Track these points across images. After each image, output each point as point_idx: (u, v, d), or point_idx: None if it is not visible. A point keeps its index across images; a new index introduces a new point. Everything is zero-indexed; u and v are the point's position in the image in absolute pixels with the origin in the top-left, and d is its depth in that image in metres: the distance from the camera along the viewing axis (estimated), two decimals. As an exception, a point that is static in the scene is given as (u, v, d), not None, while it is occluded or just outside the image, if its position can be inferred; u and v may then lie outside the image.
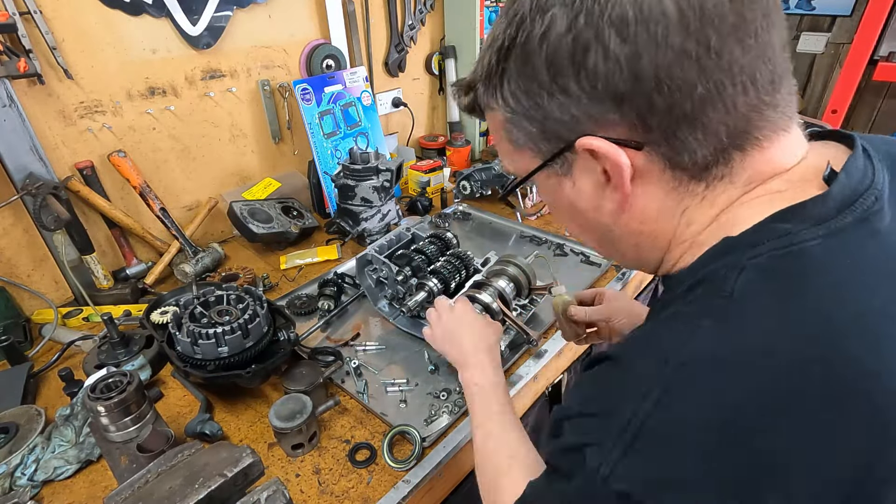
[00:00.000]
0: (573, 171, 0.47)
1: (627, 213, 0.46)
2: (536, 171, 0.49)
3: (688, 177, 0.43)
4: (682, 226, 0.46)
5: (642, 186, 0.44)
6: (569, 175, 0.47)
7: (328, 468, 0.84)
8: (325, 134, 1.63)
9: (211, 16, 1.35)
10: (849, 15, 2.72)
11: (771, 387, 0.34)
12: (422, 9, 1.89)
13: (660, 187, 0.44)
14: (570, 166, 0.47)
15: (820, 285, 0.36)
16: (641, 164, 0.42)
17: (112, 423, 0.76)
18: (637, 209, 0.46)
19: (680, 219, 0.45)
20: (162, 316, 1.05)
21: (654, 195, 0.44)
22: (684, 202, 0.44)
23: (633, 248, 0.50)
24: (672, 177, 0.43)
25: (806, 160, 0.44)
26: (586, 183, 0.47)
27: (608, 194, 0.46)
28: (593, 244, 0.55)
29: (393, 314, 1.18)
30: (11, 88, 1.08)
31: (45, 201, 1.12)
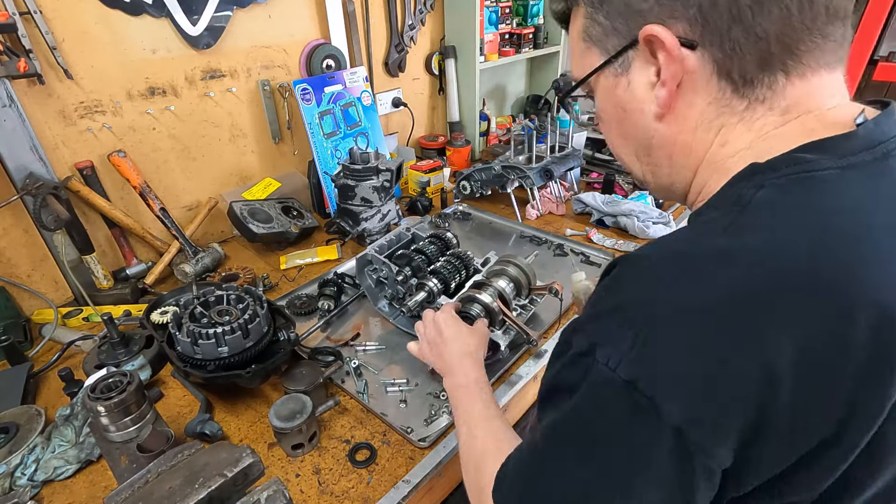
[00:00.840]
0: (631, 69, 0.49)
1: (669, 116, 0.49)
2: (601, 67, 0.51)
3: (731, 89, 0.45)
4: (715, 144, 0.48)
5: (688, 90, 0.46)
6: (626, 74, 0.50)
7: (328, 468, 0.84)
8: (325, 134, 1.63)
9: (211, 16, 1.35)
10: (849, 15, 2.71)
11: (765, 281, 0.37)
12: (422, 9, 1.89)
13: (703, 95, 0.46)
14: (629, 65, 0.49)
15: (826, 204, 0.39)
16: (691, 65, 0.45)
17: (112, 423, 0.76)
18: (678, 114, 0.48)
19: (715, 135, 0.47)
20: (162, 316, 1.05)
21: (696, 102, 0.47)
22: (722, 117, 0.46)
23: (666, 161, 0.52)
24: (717, 86, 0.45)
25: (843, 108, 0.45)
26: (639, 81, 0.49)
27: (656, 94, 0.48)
28: (632, 156, 0.56)
29: (393, 314, 1.18)
30: (11, 88, 1.08)
31: (45, 201, 1.12)
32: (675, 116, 0.48)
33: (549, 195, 1.71)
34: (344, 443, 0.89)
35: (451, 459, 0.86)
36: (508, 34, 2.14)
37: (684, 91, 0.47)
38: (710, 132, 0.48)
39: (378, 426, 0.92)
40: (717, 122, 0.47)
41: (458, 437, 0.71)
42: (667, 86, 0.46)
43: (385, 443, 0.88)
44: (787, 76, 0.44)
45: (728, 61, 0.44)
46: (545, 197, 1.70)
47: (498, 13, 2.06)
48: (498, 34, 2.09)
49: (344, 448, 0.88)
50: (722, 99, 0.46)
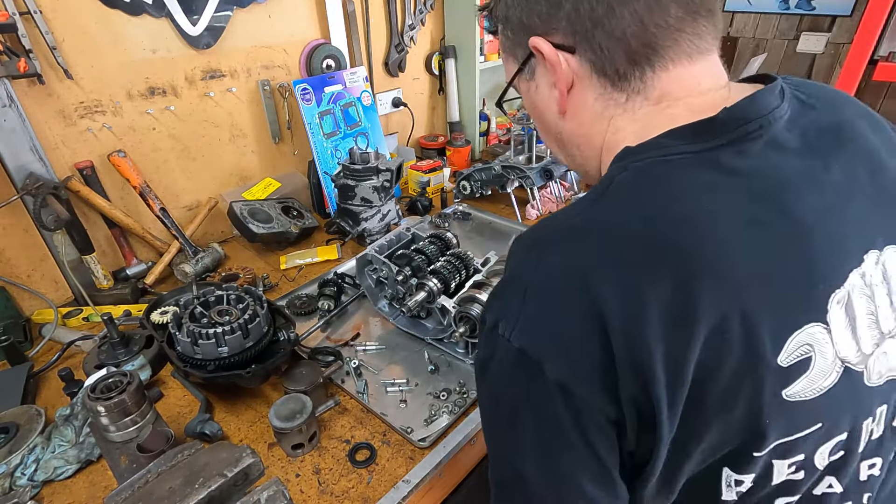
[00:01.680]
0: (535, 75, 0.57)
1: (569, 113, 0.56)
2: (516, 75, 0.59)
3: (610, 84, 0.51)
4: (609, 132, 0.54)
5: (578, 89, 0.53)
6: (533, 79, 0.58)
7: (328, 468, 0.84)
8: (325, 134, 1.63)
9: (211, 16, 1.35)
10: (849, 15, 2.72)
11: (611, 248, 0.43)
12: (422, 9, 1.89)
13: (590, 92, 0.53)
14: (534, 72, 0.57)
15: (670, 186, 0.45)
16: (574, 67, 0.52)
17: (112, 423, 0.76)
18: (575, 110, 0.55)
19: (608, 125, 0.53)
20: (162, 316, 1.05)
21: (586, 99, 0.53)
22: (609, 110, 0.53)
23: (577, 150, 0.59)
24: (598, 83, 0.52)
25: (714, 93, 0.50)
26: (543, 85, 0.57)
27: (554, 96, 0.55)
28: (555, 148, 0.64)
29: (393, 314, 1.18)
30: (11, 88, 1.08)
31: (45, 201, 1.12)
32: (573, 113, 0.55)
33: (549, 195, 1.71)
34: (344, 443, 0.89)
35: (451, 459, 0.86)
36: (508, 34, 2.13)
37: (575, 91, 0.53)
38: (602, 123, 0.54)
39: (378, 426, 0.92)
40: (607, 114, 0.53)
41: None
42: (558, 87, 0.54)
43: (385, 443, 0.88)
44: (653, 69, 0.49)
45: (600, 61, 0.50)
46: (545, 197, 1.70)
47: None
48: (498, 34, 2.09)
49: (344, 448, 0.88)
50: (605, 94, 0.52)
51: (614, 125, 0.53)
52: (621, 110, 0.52)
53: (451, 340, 1.06)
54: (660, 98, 0.50)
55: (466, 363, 1.06)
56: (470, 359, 1.05)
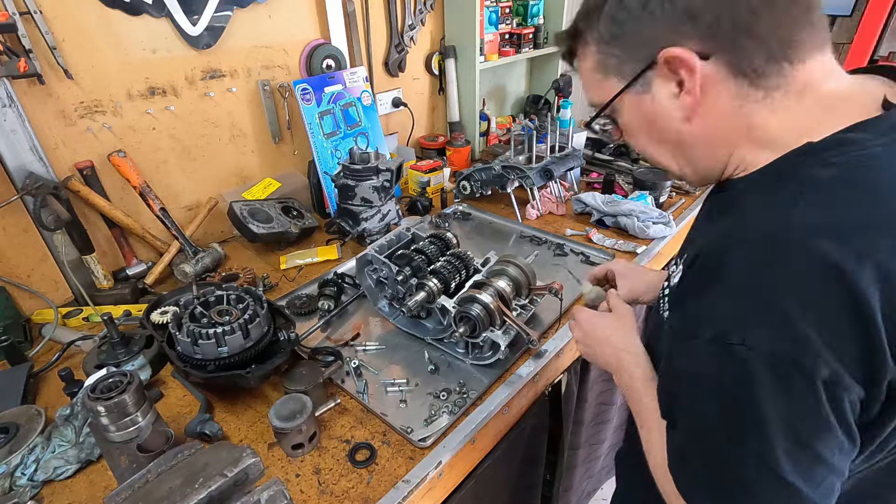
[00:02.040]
0: (652, 86, 0.56)
1: (698, 116, 0.55)
2: (623, 91, 0.58)
3: (747, 83, 0.52)
4: (746, 129, 0.55)
5: (710, 92, 0.53)
6: (648, 91, 0.57)
7: (328, 468, 0.84)
8: (325, 134, 1.63)
9: (211, 16, 1.35)
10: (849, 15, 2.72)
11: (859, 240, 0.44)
12: (422, 9, 1.89)
13: (724, 92, 0.53)
14: (650, 84, 0.56)
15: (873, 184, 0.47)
16: (709, 72, 0.52)
17: (112, 423, 0.76)
18: (706, 113, 0.55)
19: (744, 121, 0.54)
20: (162, 316, 1.05)
21: (719, 100, 0.54)
22: (746, 107, 0.53)
23: (703, 152, 0.59)
24: (735, 83, 0.52)
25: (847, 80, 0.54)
26: (663, 95, 0.56)
27: (681, 102, 0.55)
28: (667, 156, 0.62)
29: (393, 314, 1.18)
30: (11, 88, 1.08)
31: (45, 201, 1.12)
32: (704, 116, 0.55)
33: (549, 195, 1.71)
34: (344, 443, 0.89)
35: (451, 459, 0.86)
36: (508, 34, 2.14)
37: (706, 93, 0.54)
38: (738, 120, 0.54)
39: (378, 426, 0.92)
40: (743, 112, 0.54)
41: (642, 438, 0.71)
42: (692, 93, 0.54)
43: (385, 443, 0.88)
44: (791, 63, 0.51)
45: (739, 63, 0.51)
46: (545, 197, 1.70)
47: (498, 13, 2.06)
48: (498, 34, 2.09)
49: (344, 448, 0.88)
50: (741, 93, 0.53)
51: (752, 121, 0.54)
52: (759, 106, 0.53)
53: (451, 340, 1.06)
54: (801, 90, 0.52)
55: (466, 363, 1.06)
56: (470, 359, 1.05)
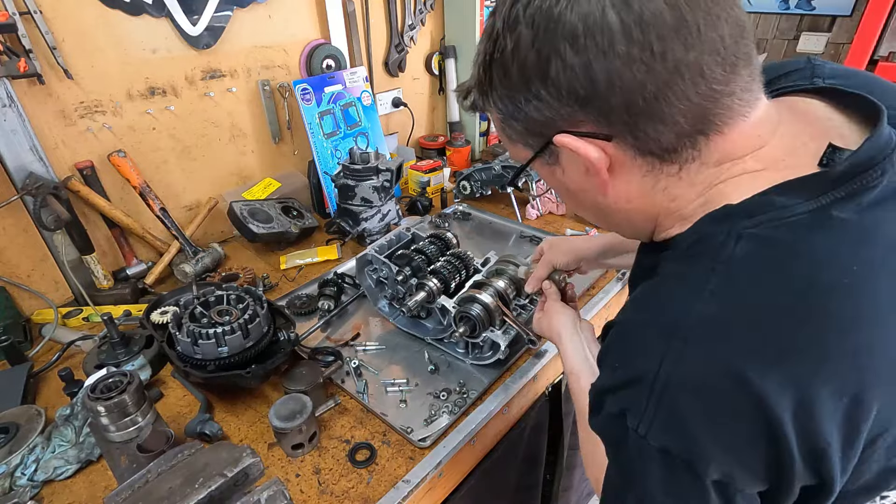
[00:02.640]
0: (560, 160, 0.53)
1: (612, 193, 0.52)
2: (529, 162, 0.55)
3: (658, 160, 0.48)
4: (666, 201, 0.51)
5: (620, 171, 0.50)
6: (557, 164, 0.54)
7: (328, 468, 0.84)
8: (325, 134, 1.63)
9: (211, 16, 1.35)
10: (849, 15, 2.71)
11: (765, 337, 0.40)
12: (422, 9, 1.89)
13: (635, 171, 0.49)
14: (557, 157, 0.53)
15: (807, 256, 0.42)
16: (613, 153, 0.48)
17: (112, 423, 0.76)
18: (620, 191, 0.52)
19: (662, 195, 0.51)
20: (162, 316, 1.05)
21: (631, 178, 0.50)
22: (661, 182, 0.50)
23: (625, 221, 0.57)
24: (644, 161, 0.48)
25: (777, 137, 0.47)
26: (573, 170, 0.53)
27: (592, 179, 0.51)
28: (593, 219, 0.62)
29: (393, 314, 1.18)
30: (11, 88, 1.08)
31: (45, 201, 1.12)
32: (618, 192, 0.52)
33: (549, 195, 1.71)
34: (344, 443, 0.89)
35: (451, 459, 0.86)
36: (508, 34, 2.13)
37: (617, 172, 0.50)
38: (656, 195, 0.51)
39: (378, 426, 0.92)
40: (660, 186, 0.50)
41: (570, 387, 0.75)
42: (599, 174, 0.50)
43: (385, 443, 0.88)
44: (707, 137, 0.46)
45: (644, 144, 0.46)
46: (545, 197, 1.70)
47: (496, 14, 2.06)
48: (498, 34, 2.09)
49: (344, 448, 0.88)
50: (653, 170, 0.49)
51: (669, 194, 0.50)
52: (675, 179, 0.49)
53: (451, 340, 1.06)
54: (720, 161, 0.47)
55: (466, 363, 1.06)
56: (470, 359, 1.05)
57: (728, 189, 0.47)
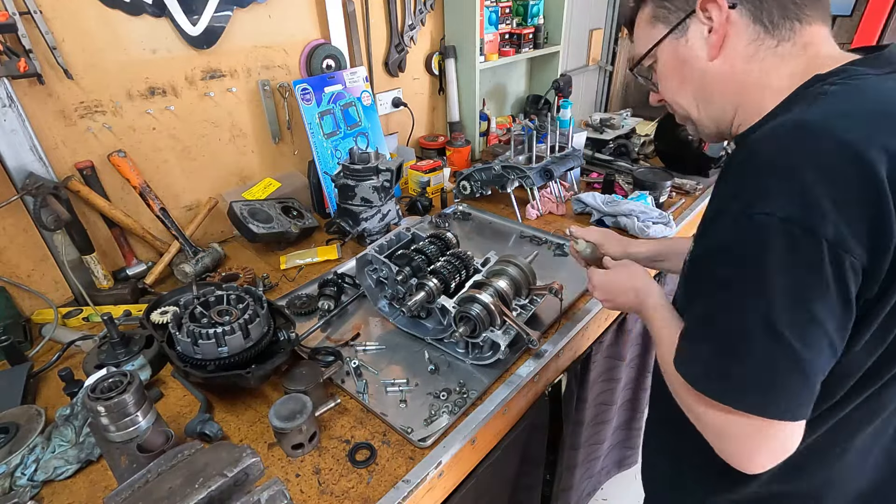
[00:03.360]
0: (688, 31, 0.68)
1: (720, 57, 0.66)
2: (666, 35, 0.70)
3: (763, 31, 0.63)
4: (760, 73, 0.65)
5: (733, 36, 0.64)
6: (684, 35, 0.68)
7: (328, 468, 0.84)
8: (325, 134, 1.63)
9: (211, 16, 1.35)
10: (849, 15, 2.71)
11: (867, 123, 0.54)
12: (422, 9, 1.89)
13: (745, 38, 0.64)
14: (687, 29, 0.68)
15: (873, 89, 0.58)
16: (734, 16, 0.64)
17: (112, 423, 0.76)
18: (728, 53, 0.65)
19: (759, 66, 0.65)
20: (162, 316, 1.05)
21: (739, 41, 0.65)
22: (761, 52, 0.64)
23: (719, 93, 0.69)
24: (753, 29, 0.64)
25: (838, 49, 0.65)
26: (695, 37, 0.67)
27: (709, 41, 0.66)
28: (689, 98, 0.72)
29: (393, 314, 1.18)
30: (11, 88, 1.08)
31: (45, 201, 1.12)
32: (726, 56, 0.66)
33: (549, 195, 1.71)
34: (344, 443, 0.89)
35: (451, 459, 0.86)
36: (508, 34, 2.14)
37: (730, 37, 0.64)
38: (752, 64, 0.65)
39: (378, 426, 0.92)
40: (758, 57, 0.64)
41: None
42: (718, 32, 0.64)
43: (385, 443, 0.88)
44: (801, 22, 0.62)
45: (759, 13, 0.63)
46: (545, 197, 1.70)
47: (498, 13, 2.06)
48: (498, 34, 2.09)
49: (344, 448, 0.88)
50: (758, 39, 0.64)
51: (764, 66, 0.64)
52: (771, 53, 0.64)
53: (451, 340, 1.06)
54: (805, 46, 0.63)
55: (466, 363, 1.06)
56: (470, 359, 1.05)
57: (813, 65, 0.62)
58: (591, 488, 1.72)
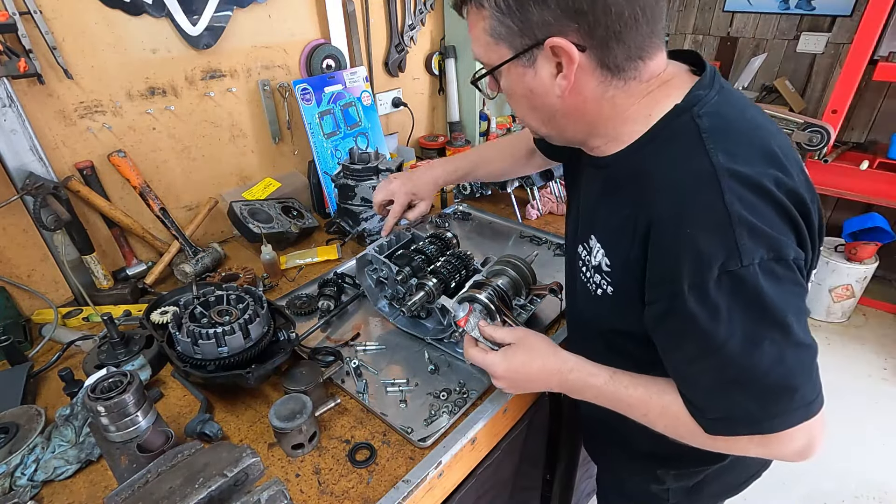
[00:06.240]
0: (536, 63, 0.65)
1: (571, 95, 0.66)
2: (509, 60, 0.66)
3: (611, 74, 0.65)
4: (609, 108, 0.68)
5: (581, 77, 0.64)
6: (532, 66, 0.66)
7: (328, 468, 0.84)
8: (325, 134, 1.63)
9: (211, 16, 1.35)
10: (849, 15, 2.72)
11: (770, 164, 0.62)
12: (422, 9, 1.89)
13: (592, 80, 0.65)
14: (535, 60, 0.65)
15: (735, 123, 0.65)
16: (582, 62, 0.63)
17: (112, 423, 0.76)
18: (578, 93, 0.66)
19: (608, 102, 0.67)
20: (162, 316, 1.05)
21: (589, 84, 0.65)
22: (609, 91, 0.66)
23: (571, 124, 0.71)
24: (601, 73, 0.64)
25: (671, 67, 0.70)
26: (544, 73, 0.65)
27: (558, 82, 0.65)
28: (538, 122, 0.73)
29: (393, 314, 1.18)
30: (11, 88, 1.08)
31: (45, 201, 1.12)
32: (575, 96, 0.66)
33: (549, 195, 1.71)
34: (344, 443, 0.89)
35: (451, 459, 0.86)
36: (508, 34, 2.14)
37: (578, 79, 0.64)
38: (602, 102, 0.67)
39: (378, 426, 0.92)
40: (607, 96, 0.66)
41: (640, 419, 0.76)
42: (567, 78, 0.64)
43: (385, 443, 0.88)
44: (644, 61, 0.65)
45: (606, 59, 0.63)
46: (545, 197, 1.70)
47: None
48: (498, 34, 2.09)
49: (344, 448, 0.88)
50: (605, 81, 0.65)
51: (616, 102, 0.67)
52: (621, 91, 0.66)
53: (451, 340, 1.06)
54: (649, 78, 0.67)
55: (466, 363, 1.06)
56: (470, 359, 1.05)
57: (661, 95, 0.67)
58: (591, 488, 1.72)
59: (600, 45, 0.61)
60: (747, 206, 0.57)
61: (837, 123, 2.52)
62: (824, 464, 2.12)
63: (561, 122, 0.71)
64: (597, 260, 0.74)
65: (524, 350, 0.82)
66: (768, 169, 0.60)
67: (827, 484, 2.07)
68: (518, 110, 0.74)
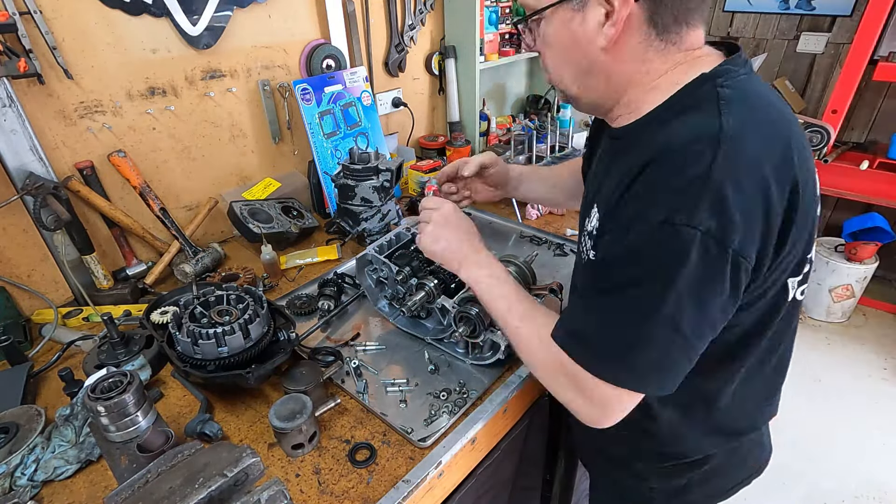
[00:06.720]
0: (586, 8, 0.65)
1: (612, 48, 0.66)
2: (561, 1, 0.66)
3: (655, 33, 0.65)
4: (643, 72, 0.68)
5: (627, 31, 0.64)
6: (581, 11, 0.65)
7: (328, 468, 0.84)
8: (325, 134, 1.63)
9: (211, 16, 1.35)
10: (849, 15, 2.72)
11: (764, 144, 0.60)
12: (422, 9, 1.89)
13: (637, 35, 0.65)
14: (585, 4, 0.65)
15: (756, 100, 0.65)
16: (634, 12, 0.63)
17: (112, 423, 0.76)
18: (619, 46, 0.66)
19: (643, 66, 0.67)
20: (162, 316, 1.05)
21: (632, 40, 0.65)
22: (649, 53, 0.66)
23: (603, 83, 0.70)
24: (647, 30, 0.65)
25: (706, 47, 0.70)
26: (592, 19, 0.65)
27: (605, 30, 0.65)
28: (570, 78, 0.73)
29: (393, 314, 1.18)
30: (11, 88, 1.08)
31: (45, 201, 1.12)
32: (616, 50, 0.66)
33: (549, 195, 1.71)
34: (344, 443, 0.89)
35: (451, 459, 0.86)
36: (508, 34, 2.14)
37: (625, 31, 0.64)
38: (639, 63, 0.67)
39: (378, 426, 0.92)
40: (647, 56, 0.66)
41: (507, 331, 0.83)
42: (616, 26, 0.63)
43: (385, 443, 0.88)
44: (687, 27, 0.65)
45: (656, 15, 0.63)
46: (545, 197, 1.70)
47: (498, 13, 2.06)
48: (498, 34, 2.09)
49: (344, 448, 0.88)
50: (647, 40, 0.65)
51: (648, 66, 0.67)
52: (659, 55, 0.66)
53: (451, 340, 1.06)
54: (687, 48, 0.67)
55: (466, 363, 1.06)
56: (470, 359, 1.05)
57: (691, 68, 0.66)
58: (591, 488, 1.72)
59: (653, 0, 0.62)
60: (733, 182, 0.56)
61: (837, 123, 2.52)
62: (824, 464, 2.13)
63: (592, 82, 0.70)
64: (591, 226, 0.73)
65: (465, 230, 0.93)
66: (775, 149, 0.59)
67: (827, 484, 2.07)
68: (553, 62, 0.73)
